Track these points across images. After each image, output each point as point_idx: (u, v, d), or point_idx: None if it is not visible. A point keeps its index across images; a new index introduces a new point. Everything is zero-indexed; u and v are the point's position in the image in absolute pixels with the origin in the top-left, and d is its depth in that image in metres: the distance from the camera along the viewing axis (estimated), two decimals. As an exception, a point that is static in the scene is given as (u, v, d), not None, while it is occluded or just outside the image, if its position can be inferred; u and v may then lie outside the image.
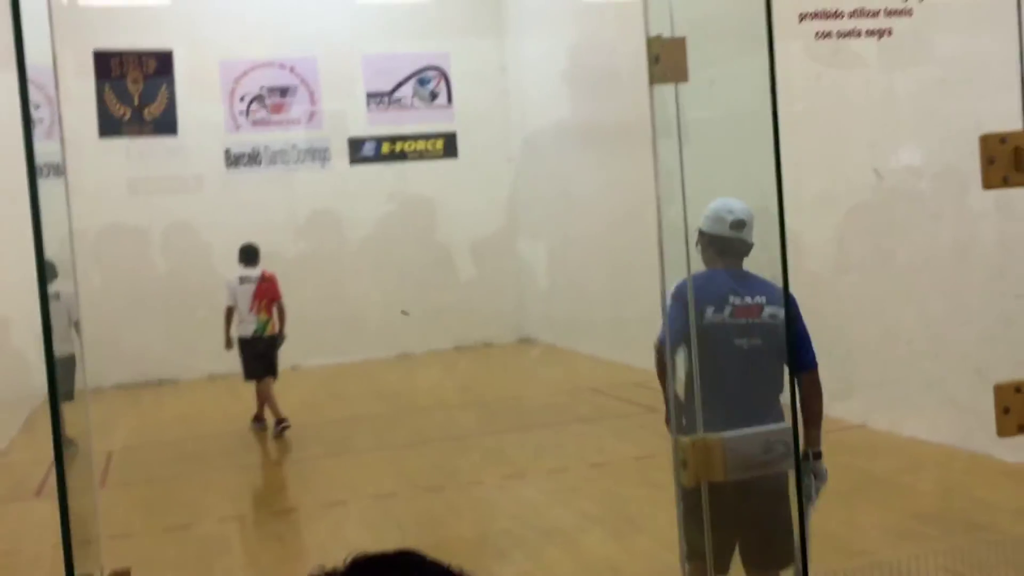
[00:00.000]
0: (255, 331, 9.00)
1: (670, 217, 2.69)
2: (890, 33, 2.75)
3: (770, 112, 2.59)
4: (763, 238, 3.36)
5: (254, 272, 9.02)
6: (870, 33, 2.73)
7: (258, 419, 9.38)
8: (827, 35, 2.73)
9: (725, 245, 3.33)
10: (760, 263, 3.41)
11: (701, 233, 3.46)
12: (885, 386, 7.51)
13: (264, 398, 9.23)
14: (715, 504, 3.15)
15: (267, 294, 8.97)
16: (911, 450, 6.92)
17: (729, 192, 3.36)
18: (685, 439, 2.16)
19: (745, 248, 3.39)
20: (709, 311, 3.30)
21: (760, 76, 2.67)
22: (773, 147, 2.56)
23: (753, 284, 3.39)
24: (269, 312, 8.97)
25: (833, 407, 7.65)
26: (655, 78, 2.29)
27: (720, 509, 2.70)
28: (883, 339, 7.51)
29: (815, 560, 2.77)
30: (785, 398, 3.36)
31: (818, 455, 3.37)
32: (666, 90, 2.47)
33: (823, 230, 7.87)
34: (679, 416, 2.80)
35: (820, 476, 3.38)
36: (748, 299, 3.31)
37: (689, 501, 3.72)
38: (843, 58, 7.51)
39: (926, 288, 7.08)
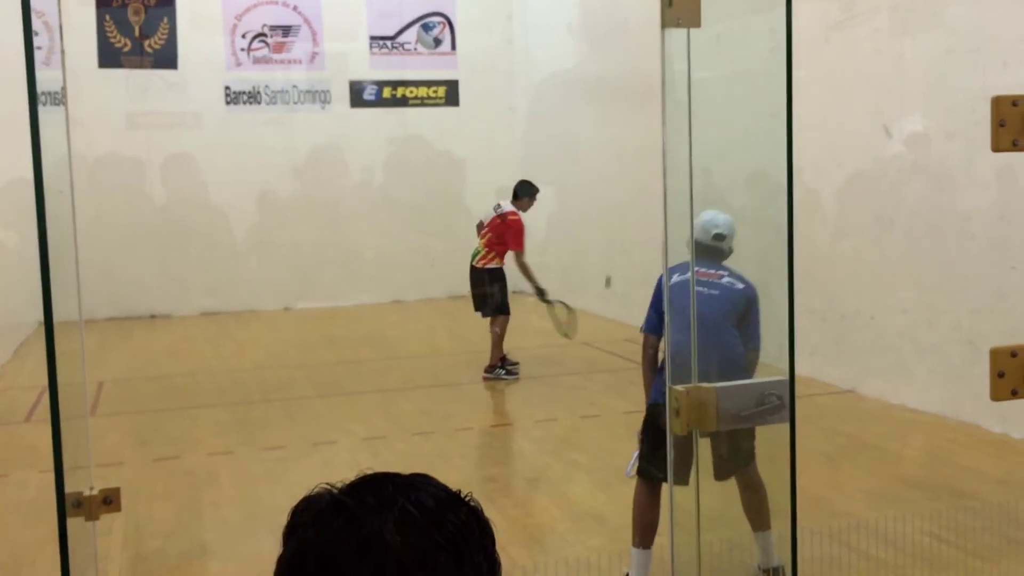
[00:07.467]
0: (471, 256, 8.97)
1: (675, 172, 2.68)
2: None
3: (784, 71, 2.55)
4: (768, 201, 3.35)
5: (506, 207, 8.88)
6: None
7: (490, 367, 8.76)
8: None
9: (704, 249, 4.03)
10: (764, 226, 3.42)
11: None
12: (877, 353, 7.54)
13: (493, 337, 8.84)
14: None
15: (496, 230, 8.83)
16: (899, 417, 6.97)
17: (736, 148, 3.33)
18: (680, 388, 2.16)
19: (722, 256, 4.14)
20: (675, 276, 3.75)
21: (772, 34, 2.63)
22: (786, 108, 2.54)
23: (719, 266, 4.10)
24: (488, 245, 8.82)
25: (823, 371, 7.74)
26: (667, 21, 2.25)
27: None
28: (878, 306, 7.53)
29: (801, 518, 2.80)
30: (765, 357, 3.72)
31: None
32: (677, 37, 2.43)
33: (823, 194, 7.85)
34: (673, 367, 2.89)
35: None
36: (711, 270, 4.06)
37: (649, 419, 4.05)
38: (852, 21, 7.43)
39: (924, 256, 7.08)
